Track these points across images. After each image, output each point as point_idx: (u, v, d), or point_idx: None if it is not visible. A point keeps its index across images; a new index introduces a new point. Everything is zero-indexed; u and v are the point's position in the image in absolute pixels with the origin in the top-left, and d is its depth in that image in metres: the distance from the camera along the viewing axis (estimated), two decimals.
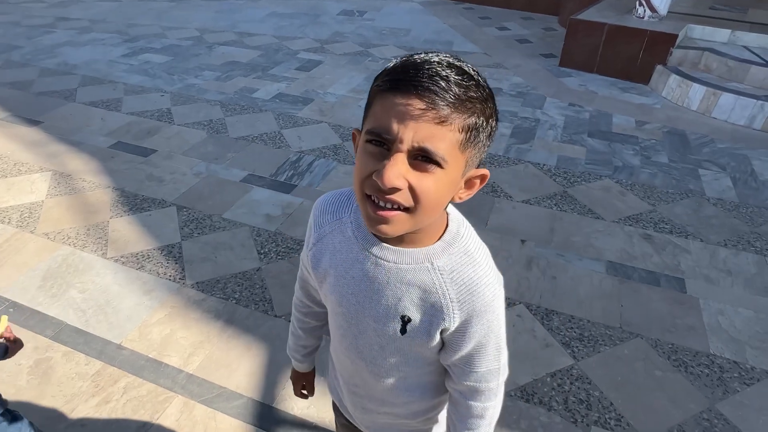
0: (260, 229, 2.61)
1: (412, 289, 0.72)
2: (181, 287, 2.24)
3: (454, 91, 0.57)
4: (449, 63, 0.60)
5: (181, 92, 4.21)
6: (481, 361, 0.77)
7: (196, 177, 3.04)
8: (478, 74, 0.62)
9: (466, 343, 0.75)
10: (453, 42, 5.62)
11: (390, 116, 0.58)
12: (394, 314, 0.74)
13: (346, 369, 0.91)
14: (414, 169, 0.60)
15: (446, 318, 0.72)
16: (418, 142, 0.58)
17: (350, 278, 0.76)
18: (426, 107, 0.57)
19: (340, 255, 0.77)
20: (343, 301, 0.78)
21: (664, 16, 4.67)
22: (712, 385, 1.86)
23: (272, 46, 5.35)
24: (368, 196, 0.63)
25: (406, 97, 0.57)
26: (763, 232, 2.67)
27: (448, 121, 0.58)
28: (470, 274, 0.71)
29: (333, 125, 3.71)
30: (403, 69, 0.59)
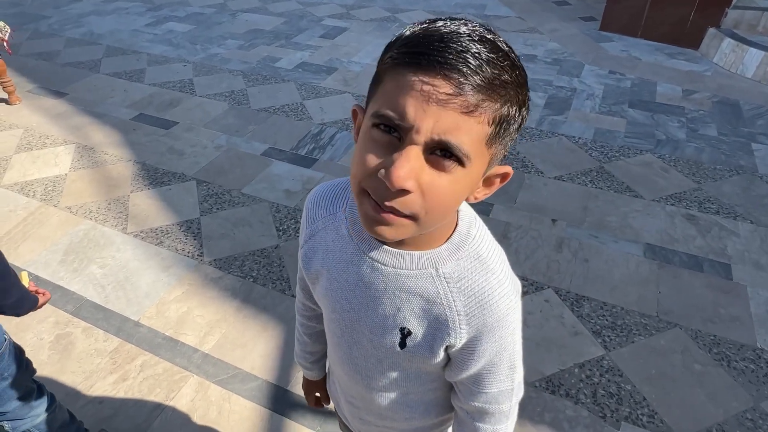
0: (279, 204, 2.54)
1: (413, 298, 0.61)
2: (199, 264, 2.21)
3: (486, 73, 0.46)
4: (481, 36, 0.47)
5: (204, 62, 4.13)
6: (491, 381, 0.67)
7: (217, 150, 2.99)
8: (512, 51, 0.49)
9: (474, 362, 0.64)
10: (486, 5, 5.32)
11: (406, 98, 0.47)
12: (392, 325, 0.64)
13: (342, 380, 0.82)
14: (429, 165, 0.49)
15: (452, 333, 0.62)
16: (438, 134, 0.47)
17: (344, 282, 0.66)
18: (453, 91, 0.45)
19: (334, 255, 0.67)
20: (337, 307, 0.69)
21: None
22: (757, 382, 1.72)
23: (296, 13, 5.18)
24: (368, 193, 0.52)
25: (429, 75, 0.46)
26: None
27: (477, 111, 0.46)
28: (481, 284, 0.60)
29: (357, 96, 3.58)
30: (425, 39, 0.47)
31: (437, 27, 0.48)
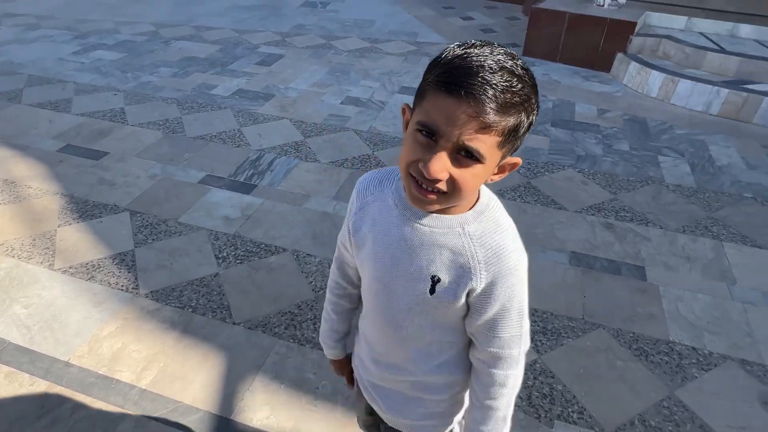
0: (218, 232, 2.52)
1: (443, 251, 0.78)
2: (134, 297, 2.14)
3: (500, 100, 0.62)
4: (501, 66, 0.63)
5: (136, 91, 4.04)
6: (504, 326, 0.81)
7: (151, 179, 2.92)
8: (525, 72, 0.65)
9: (491, 306, 0.79)
10: (418, 33, 5.56)
11: (440, 115, 0.65)
12: (425, 274, 0.79)
13: (373, 336, 0.95)
14: (455, 162, 0.67)
15: (473, 278, 0.77)
16: (462, 142, 0.65)
17: (388, 241, 0.82)
18: (473, 114, 0.62)
19: (380, 221, 0.83)
20: (378, 264, 0.84)
21: (623, 4, 4.72)
22: (671, 372, 1.88)
23: (231, 40, 5.19)
24: (412, 176, 0.70)
25: (457, 101, 0.63)
26: (719, 217, 2.72)
27: (491, 128, 0.64)
28: (498, 240, 0.77)
29: (295, 121, 3.62)
30: (457, 71, 0.63)
31: (470, 58, 0.63)
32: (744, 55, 3.99)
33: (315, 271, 2.29)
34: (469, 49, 0.64)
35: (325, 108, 3.83)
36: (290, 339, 1.97)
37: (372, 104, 3.91)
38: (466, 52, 0.64)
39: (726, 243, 2.53)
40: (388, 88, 4.19)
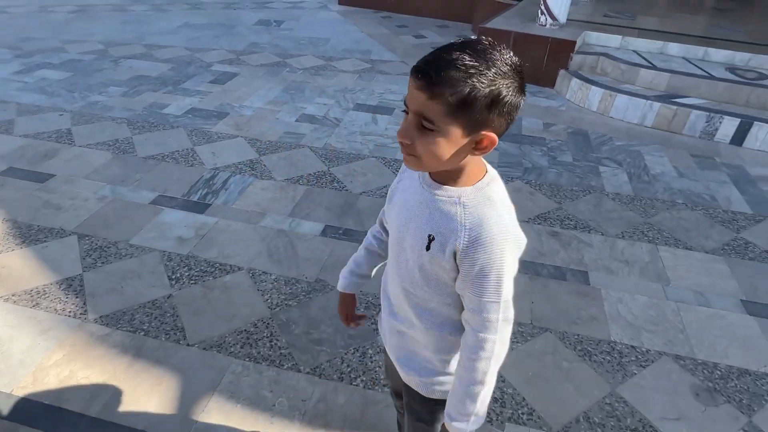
0: (171, 253, 2.49)
1: (440, 214, 0.91)
2: (82, 323, 2.08)
3: (442, 74, 0.75)
4: (459, 47, 0.76)
5: (83, 111, 3.95)
6: (483, 288, 0.90)
7: (101, 202, 2.86)
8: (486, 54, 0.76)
9: (470, 267, 0.89)
10: (372, 50, 5.69)
11: (408, 92, 0.81)
12: (424, 233, 0.93)
13: (389, 288, 1.11)
14: (420, 132, 0.81)
15: (457, 239, 0.88)
16: (416, 110, 0.80)
17: (408, 205, 0.98)
18: (420, 86, 0.77)
19: (408, 189, 1.00)
20: (399, 222, 1.00)
21: (564, 24, 5.00)
22: (613, 370, 2.00)
23: (184, 59, 5.15)
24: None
25: (413, 78, 0.79)
26: (654, 223, 2.91)
27: (435, 97, 0.76)
28: (485, 211, 0.88)
29: (249, 139, 3.63)
30: (427, 55, 0.78)
31: (443, 48, 0.78)
32: (673, 71, 4.30)
33: (271, 289, 2.30)
34: (453, 43, 0.78)
35: (280, 126, 3.85)
36: (246, 358, 1.96)
37: (327, 121, 3.96)
38: (445, 45, 0.78)
39: (660, 246, 2.71)
40: (342, 105, 4.26)
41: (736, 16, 5.99)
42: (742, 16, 6.09)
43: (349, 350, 2.02)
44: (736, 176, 3.47)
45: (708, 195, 3.22)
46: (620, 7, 6.07)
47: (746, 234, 2.86)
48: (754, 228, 2.92)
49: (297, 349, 2.02)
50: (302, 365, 1.95)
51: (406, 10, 7.32)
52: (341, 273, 1.29)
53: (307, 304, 2.23)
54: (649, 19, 5.58)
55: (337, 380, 1.89)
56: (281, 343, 2.03)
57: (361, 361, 1.97)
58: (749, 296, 2.40)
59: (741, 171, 3.54)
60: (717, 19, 5.81)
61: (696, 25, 5.50)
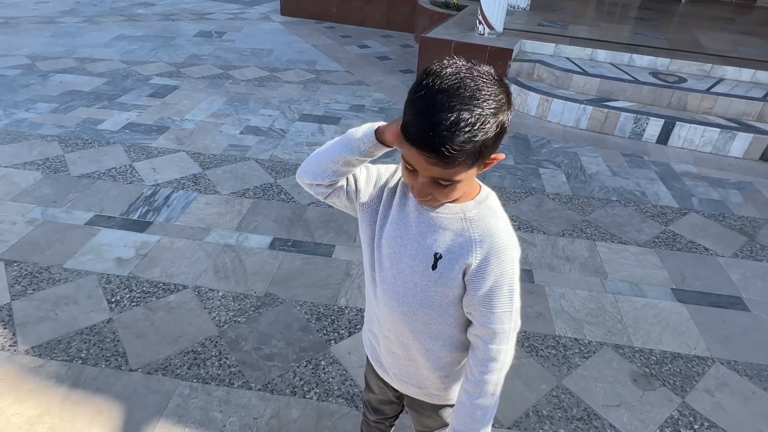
0: (110, 275, 2.38)
1: (447, 233, 0.91)
2: (11, 355, 1.95)
3: (455, 150, 0.73)
4: (458, 117, 0.72)
5: (9, 129, 3.71)
6: (497, 301, 0.91)
7: (30, 225, 2.69)
8: (493, 103, 0.74)
9: (484, 281, 0.89)
10: (316, 61, 5.69)
11: (412, 160, 0.80)
12: (429, 252, 0.92)
13: (382, 315, 1.05)
14: (437, 186, 0.82)
15: (470, 254, 0.89)
16: (433, 177, 0.80)
17: (402, 225, 0.95)
18: (435, 162, 0.76)
19: (402, 207, 0.96)
20: (392, 243, 0.96)
21: (501, 33, 5.20)
22: (558, 363, 2.08)
23: (120, 72, 4.95)
24: None
25: (420, 153, 0.76)
26: (591, 220, 3.07)
27: (454, 166, 0.76)
28: (492, 223, 0.91)
29: (192, 153, 3.53)
30: (419, 129, 0.75)
31: (430, 112, 0.73)
32: (602, 77, 4.56)
33: (218, 306, 2.24)
34: (433, 95, 0.73)
35: (224, 138, 3.78)
36: (194, 379, 1.90)
37: (273, 132, 3.92)
38: (427, 103, 0.74)
39: (598, 242, 2.86)
40: (288, 116, 4.23)
41: (656, 25, 6.44)
42: (661, 24, 6.56)
43: (301, 363, 2.00)
44: (663, 173, 3.71)
45: (639, 191, 3.43)
46: (553, 16, 6.38)
47: (673, 226, 3.06)
48: (680, 221, 3.13)
49: (247, 366, 1.97)
50: (253, 382, 1.90)
51: (349, 20, 7.38)
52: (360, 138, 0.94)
53: (257, 319, 2.19)
54: (580, 27, 5.90)
55: (290, 395, 1.86)
56: (231, 361, 1.98)
57: (314, 374, 1.95)
58: (678, 284, 2.57)
59: (667, 168, 3.80)
60: (640, 27, 6.23)
61: (621, 33, 5.87)
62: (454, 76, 0.73)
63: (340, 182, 0.98)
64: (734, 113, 4.23)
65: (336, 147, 0.93)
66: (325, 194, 1.00)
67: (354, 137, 0.91)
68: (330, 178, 0.96)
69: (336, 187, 0.99)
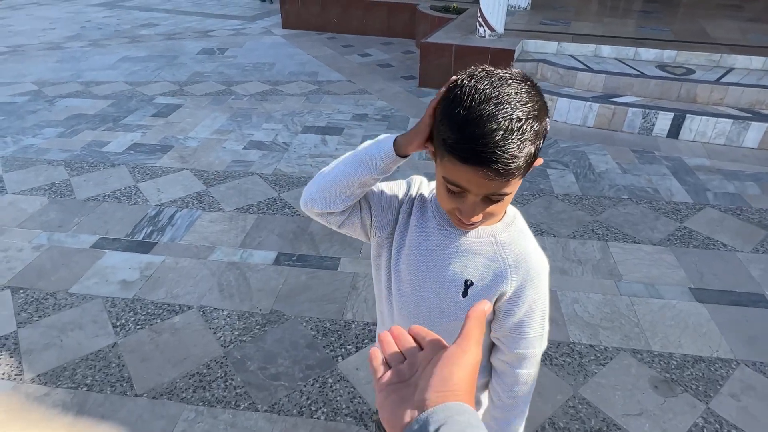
0: (115, 298, 2.36)
1: (478, 258, 0.86)
2: (17, 385, 1.93)
3: (515, 163, 0.68)
4: (509, 125, 0.66)
5: (16, 156, 3.75)
6: (530, 327, 0.88)
7: (36, 251, 2.69)
8: (532, 103, 0.69)
9: (519, 309, 0.87)
10: (318, 72, 5.68)
11: (462, 179, 0.72)
12: (459, 279, 0.86)
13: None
14: (488, 202, 0.75)
15: (505, 282, 0.85)
16: (486, 194, 0.73)
17: (424, 249, 0.88)
18: (492, 178, 0.69)
19: (419, 228, 0.89)
20: (413, 268, 0.90)
21: (502, 34, 5.15)
22: (574, 372, 2.00)
23: (124, 94, 5.00)
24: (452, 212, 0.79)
25: (474, 170, 0.69)
26: (603, 220, 2.98)
27: (513, 177, 0.71)
28: (523, 245, 0.87)
29: (196, 171, 3.53)
30: (470, 143, 0.67)
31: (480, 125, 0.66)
32: (608, 72, 4.48)
33: (223, 326, 2.21)
34: (478, 106, 0.67)
35: (228, 154, 3.77)
36: (199, 402, 1.86)
37: (276, 146, 3.91)
38: (475, 115, 0.66)
39: (610, 243, 2.78)
40: (291, 129, 4.21)
41: (661, 17, 6.33)
42: (666, 16, 6.44)
43: (308, 382, 1.95)
44: (675, 168, 3.62)
45: (651, 188, 3.34)
46: (555, 14, 6.31)
47: (689, 223, 2.96)
48: (696, 216, 3.03)
49: (253, 386, 1.93)
50: (260, 403, 1.86)
51: (350, 29, 7.39)
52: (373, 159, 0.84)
53: (262, 337, 2.15)
54: (583, 24, 5.82)
55: (297, 415, 1.82)
56: (236, 383, 1.94)
57: (321, 392, 1.91)
58: (696, 284, 2.47)
59: (679, 162, 3.70)
60: (644, 21, 6.12)
61: (626, 27, 5.78)
62: (491, 84, 0.68)
63: (353, 207, 0.90)
64: (747, 103, 4.12)
65: (349, 167, 0.84)
66: (338, 222, 0.90)
67: (370, 154, 0.81)
68: (344, 204, 0.87)
69: (350, 212, 0.90)
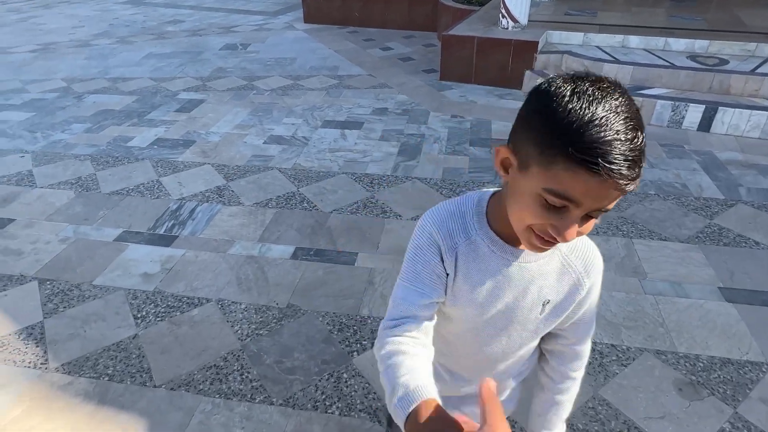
0: (136, 291, 2.41)
1: (550, 276, 0.83)
2: (43, 373, 1.99)
3: (638, 171, 0.61)
4: (627, 125, 0.60)
5: (46, 150, 3.86)
6: (590, 321, 0.93)
7: (62, 243, 2.77)
8: (636, 107, 0.64)
9: (585, 306, 0.89)
10: (339, 66, 5.67)
11: (580, 191, 0.62)
12: (537, 303, 0.85)
13: (458, 366, 1.00)
14: (585, 217, 0.66)
15: (581, 289, 0.85)
16: (598, 208, 0.65)
17: (492, 288, 0.83)
18: (619, 188, 0.61)
19: (475, 267, 0.82)
20: (488, 310, 0.85)
21: (525, 25, 5.04)
22: (594, 372, 1.95)
23: (149, 90, 5.09)
24: (533, 230, 0.70)
25: (600, 181, 0.60)
26: (628, 216, 2.89)
27: (632, 187, 0.62)
28: (586, 249, 0.85)
29: (217, 166, 3.57)
30: (594, 147, 0.59)
31: (603, 127, 0.59)
32: (636, 64, 4.34)
33: (241, 319, 2.23)
34: (592, 106, 0.60)
35: (248, 149, 3.80)
36: (216, 394, 1.89)
37: (295, 141, 3.92)
38: (596, 118, 0.60)
39: (635, 239, 2.69)
40: (311, 123, 4.22)
41: (693, 6, 6.10)
42: (699, 5, 6.20)
43: (323, 376, 1.95)
44: (705, 162, 3.48)
45: (679, 183, 3.22)
46: (581, 5, 6.14)
47: (719, 220, 2.85)
48: (727, 213, 2.91)
49: (269, 380, 1.94)
50: (275, 397, 1.87)
51: (372, 23, 7.36)
52: (409, 390, 0.69)
53: (279, 331, 2.16)
54: (610, 14, 5.65)
55: (312, 409, 1.82)
56: (252, 376, 1.96)
57: (336, 387, 1.91)
58: (726, 283, 2.38)
59: (710, 157, 3.56)
60: (675, 10, 5.91)
61: (655, 17, 5.58)
62: (599, 90, 0.62)
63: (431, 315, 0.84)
64: None
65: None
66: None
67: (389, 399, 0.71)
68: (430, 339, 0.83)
69: (430, 311, 0.84)
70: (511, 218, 0.74)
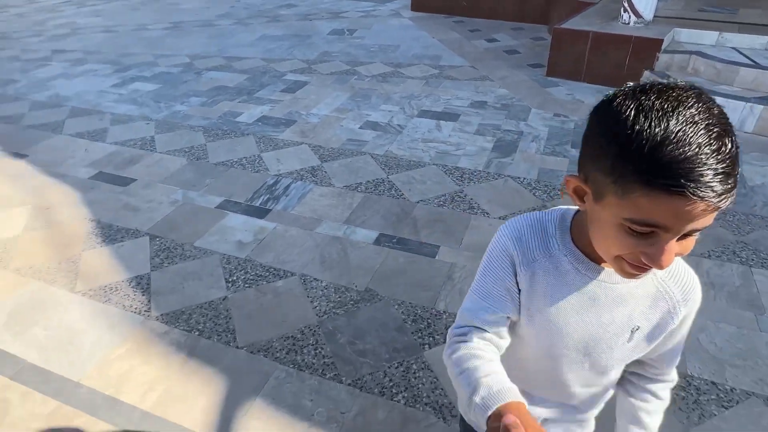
0: (230, 256, 2.58)
1: (642, 300, 0.76)
2: (145, 320, 2.21)
3: (730, 183, 0.54)
4: (712, 134, 0.53)
5: (167, 119, 4.25)
6: (679, 348, 0.86)
7: (172, 205, 3.04)
8: (723, 113, 0.56)
9: (678, 334, 0.82)
10: (441, 56, 5.61)
11: (662, 215, 0.56)
12: (625, 329, 0.78)
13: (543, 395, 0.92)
14: (681, 238, 0.59)
15: (674, 317, 0.78)
16: (691, 228, 0.57)
17: (573, 308, 0.77)
18: (708, 207, 0.54)
19: (555, 287, 0.76)
20: (568, 332, 0.79)
21: (650, 21, 4.61)
22: (687, 409, 1.76)
23: (259, 69, 5.40)
24: (623, 258, 0.64)
25: (685, 201, 0.53)
26: (749, 241, 2.56)
27: (725, 202, 0.55)
28: (684, 274, 0.77)
29: (313, 146, 3.70)
30: (675, 168, 0.53)
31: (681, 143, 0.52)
32: None
33: (320, 296, 2.31)
34: (662, 122, 0.54)
35: (344, 133, 3.90)
36: (290, 364, 1.98)
37: (390, 128, 3.95)
38: (670, 134, 0.53)
39: (755, 269, 2.38)
40: (407, 112, 4.22)
41: None
42: None
43: (392, 364, 1.96)
44: None
45: None
46: (719, 0, 5.49)
47: None
48: None
49: (340, 359, 1.99)
50: (344, 376, 1.92)
51: (479, 13, 7.16)
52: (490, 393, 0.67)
53: (355, 313, 2.21)
54: (754, 11, 4.98)
55: (378, 394, 1.84)
56: (325, 352, 2.02)
57: (404, 377, 1.91)
58: None
59: None
60: None
61: None
62: (667, 101, 0.55)
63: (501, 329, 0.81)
64: None
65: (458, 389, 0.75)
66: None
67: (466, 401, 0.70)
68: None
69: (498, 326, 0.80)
70: (597, 248, 0.68)
